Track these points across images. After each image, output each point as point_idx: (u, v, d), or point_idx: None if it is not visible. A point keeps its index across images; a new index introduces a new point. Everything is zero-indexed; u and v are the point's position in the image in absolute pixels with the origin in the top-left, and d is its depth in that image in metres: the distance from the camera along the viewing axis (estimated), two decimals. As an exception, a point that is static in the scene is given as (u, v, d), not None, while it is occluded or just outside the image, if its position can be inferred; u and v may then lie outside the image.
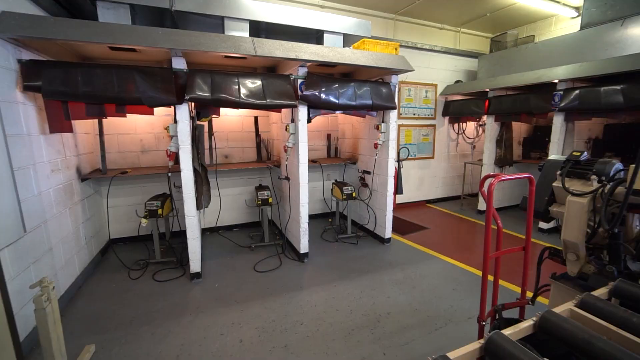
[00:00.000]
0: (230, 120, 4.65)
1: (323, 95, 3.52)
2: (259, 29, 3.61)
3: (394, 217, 4.50)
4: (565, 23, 5.79)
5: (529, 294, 2.15)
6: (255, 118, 4.68)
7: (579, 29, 4.63)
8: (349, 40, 4.02)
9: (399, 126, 5.85)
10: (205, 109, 3.71)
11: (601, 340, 1.10)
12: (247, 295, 3.08)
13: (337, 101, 3.60)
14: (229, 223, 4.87)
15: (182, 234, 3.72)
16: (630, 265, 1.85)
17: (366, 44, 3.94)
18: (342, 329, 2.56)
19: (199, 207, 3.41)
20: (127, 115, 3.36)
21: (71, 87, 2.65)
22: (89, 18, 3.00)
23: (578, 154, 2.02)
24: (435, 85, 6.16)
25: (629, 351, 1.06)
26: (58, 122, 2.86)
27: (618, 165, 1.85)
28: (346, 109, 3.77)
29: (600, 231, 1.81)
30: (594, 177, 1.87)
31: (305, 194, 3.71)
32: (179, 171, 3.16)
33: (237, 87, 3.22)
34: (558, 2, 5.22)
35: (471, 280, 3.31)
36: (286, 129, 3.67)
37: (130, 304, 2.92)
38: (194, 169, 3.27)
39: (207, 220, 4.64)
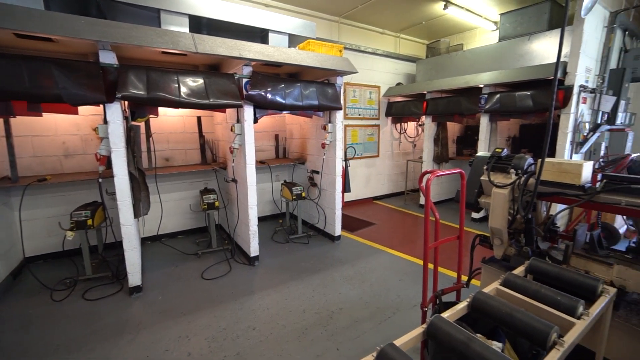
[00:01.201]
0: (171, 121, 4.35)
1: (269, 95, 3.48)
2: (200, 25, 3.44)
3: (343, 214, 4.63)
4: (487, 35, 6.51)
5: (465, 278, 2.38)
6: (198, 118, 4.45)
7: (497, 40, 5.23)
8: (294, 40, 4.03)
9: (345, 126, 6.03)
10: (141, 109, 3.42)
11: (519, 312, 1.26)
12: (195, 305, 2.91)
13: (283, 101, 3.58)
14: (172, 230, 4.56)
15: (118, 246, 3.38)
16: (540, 245, 2.14)
17: (311, 45, 3.99)
18: (295, 330, 2.56)
19: (137, 215, 3.13)
20: (45, 114, 2.96)
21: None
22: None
23: (500, 150, 2.28)
24: (379, 87, 6.47)
25: (539, 318, 1.22)
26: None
27: (530, 160, 2.13)
28: (293, 109, 3.77)
29: (518, 217, 2.07)
30: (512, 170, 2.13)
31: (254, 195, 3.63)
32: (112, 177, 2.86)
33: (177, 85, 3.03)
34: (480, 16, 5.84)
35: (415, 270, 3.54)
36: (232, 130, 3.56)
37: (54, 330, 2.57)
38: (130, 174, 2.99)
39: (148, 229, 4.29)
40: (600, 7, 4.18)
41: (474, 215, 5.34)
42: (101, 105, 2.80)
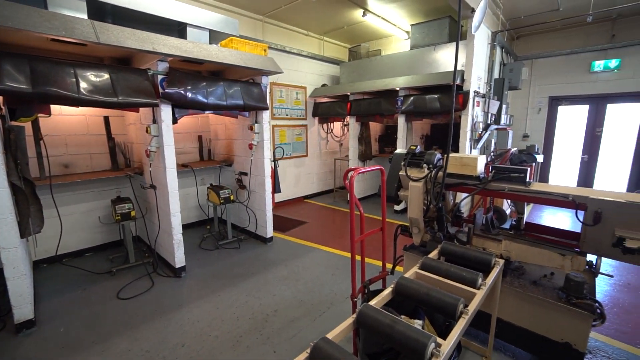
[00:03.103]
0: (70, 121, 3.74)
1: (189, 94, 3.25)
2: (103, 12, 3.01)
3: (274, 215, 4.59)
4: (401, 43, 7.16)
5: (390, 266, 2.58)
6: (106, 118, 3.91)
7: (410, 48, 5.79)
8: (215, 37, 3.83)
9: (273, 126, 5.99)
10: (26, 106, 2.85)
11: (434, 291, 1.42)
12: (110, 330, 2.56)
13: (205, 101, 3.38)
14: (77, 248, 3.92)
15: (-1, 273, 2.75)
16: (450, 229, 2.44)
17: (234, 42, 3.85)
18: (229, 339, 2.45)
19: (24, 235, 2.60)
20: None
21: None
22: None
23: (414, 147, 2.53)
24: (305, 88, 6.58)
25: (450, 293, 1.39)
26: None
27: (438, 155, 2.41)
28: (216, 109, 3.59)
29: (431, 207, 2.32)
30: (425, 165, 2.38)
31: (177, 202, 3.36)
32: (-14, 189, 2.33)
33: (74, 80, 2.61)
34: (395, 25, 6.39)
35: (347, 264, 3.71)
36: (147, 131, 3.22)
37: None
38: (12, 185, 2.47)
39: (43, 249, 3.61)
40: (485, 27, 4.97)
41: (396, 207, 5.83)
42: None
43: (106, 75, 2.79)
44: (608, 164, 6.50)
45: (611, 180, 6.54)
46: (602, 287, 3.22)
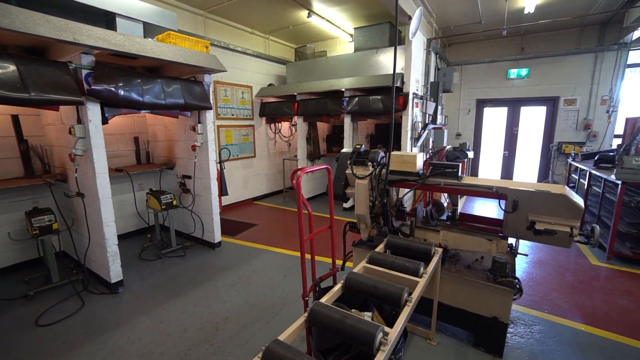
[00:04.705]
0: (-35, 120, 3.16)
1: (122, 92, 2.97)
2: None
3: (222, 219, 4.42)
4: (346, 45, 7.37)
5: (340, 262, 2.64)
6: (15, 117, 3.38)
7: (354, 51, 5.99)
8: (151, 30, 3.55)
9: (218, 127, 5.75)
10: None
11: (381, 282, 1.49)
12: (29, 361, 2.23)
13: (141, 99, 3.12)
14: (-19, 270, 3.34)
15: None
16: (394, 223, 2.58)
17: (172, 37, 3.60)
18: (176, 354, 2.29)
19: None
20: None
21: None
22: None
23: (359, 146, 2.62)
24: (251, 87, 6.43)
25: (395, 284, 1.47)
26: None
27: (382, 153, 2.53)
28: (154, 108, 3.33)
29: (377, 203, 2.43)
30: (369, 163, 2.48)
31: (110, 210, 3.05)
32: None
33: (-31, 71, 2.21)
34: (339, 28, 6.55)
35: (298, 264, 3.71)
36: (71, 132, 2.87)
37: None
38: None
39: None
40: (421, 34, 5.35)
41: (345, 205, 6.00)
42: None
43: (12, 67, 2.41)
44: (524, 158, 7.51)
45: (526, 172, 7.55)
46: (521, 265, 3.69)
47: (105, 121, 3.04)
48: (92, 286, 3.21)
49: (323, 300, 1.43)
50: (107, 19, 3.18)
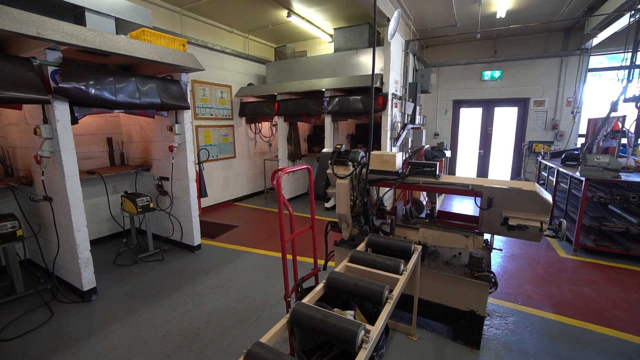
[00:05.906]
0: None
1: (93, 90, 2.84)
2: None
3: (201, 221, 4.32)
4: (326, 45, 7.39)
5: (322, 262, 2.65)
6: (-26, 117, 3.16)
7: (333, 51, 6.02)
8: (124, 27, 3.41)
9: (197, 127, 5.62)
10: None
11: (363, 281, 1.50)
12: (-8, 377, 2.09)
13: (113, 98, 2.99)
14: (-64, 281, 3.09)
15: None
16: (375, 222, 2.61)
17: (147, 34, 3.48)
18: (154, 361, 2.22)
19: None
20: None
21: None
22: None
23: (339, 146, 2.63)
24: (230, 87, 6.32)
25: (377, 282, 1.49)
26: None
27: (362, 153, 2.56)
28: (128, 107, 3.21)
29: (358, 202, 2.45)
30: (350, 163, 2.50)
31: (81, 214, 2.91)
32: None
33: None
34: (319, 28, 6.56)
35: (280, 265, 3.67)
36: (36, 133, 2.71)
37: None
38: None
39: None
40: (399, 36, 5.45)
41: (326, 205, 6.02)
42: None
43: (-29, 64, 2.25)
44: (498, 156, 7.82)
45: (500, 170, 7.87)
46: (496, 260, 3.83)
47: (75, 121, 2.90)
48: (62, 295, 3.05)
49: (305, 300, 1.43)
50: (75, 14, 3.04)
